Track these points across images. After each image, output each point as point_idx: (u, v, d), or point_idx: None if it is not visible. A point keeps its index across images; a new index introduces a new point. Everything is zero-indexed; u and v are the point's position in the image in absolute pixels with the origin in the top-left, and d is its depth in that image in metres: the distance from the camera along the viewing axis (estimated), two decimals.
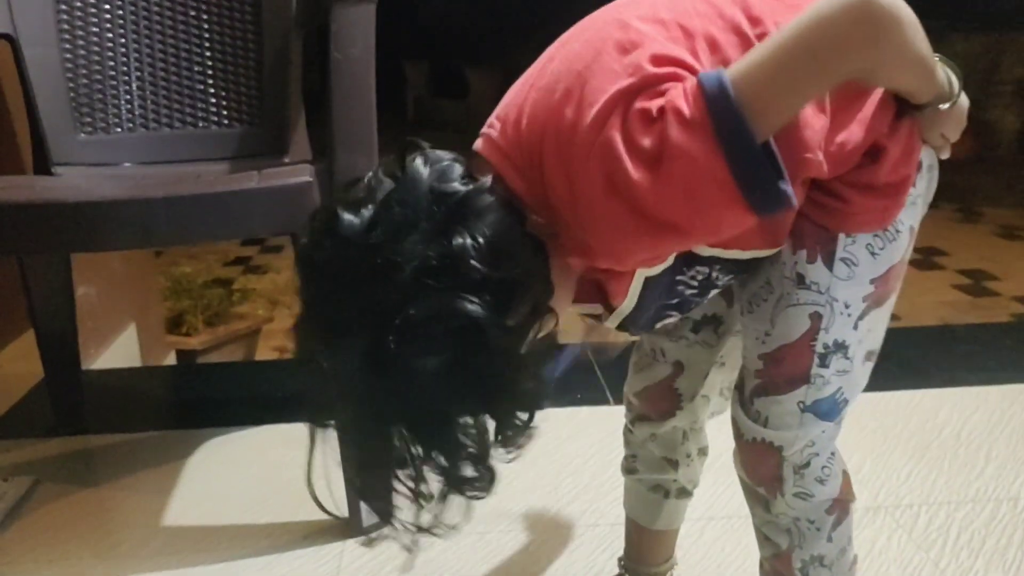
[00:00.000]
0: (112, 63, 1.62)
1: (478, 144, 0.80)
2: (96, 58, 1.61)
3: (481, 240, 0.69)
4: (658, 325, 0.91)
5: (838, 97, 0.76)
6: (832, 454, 0.92)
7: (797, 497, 0.91)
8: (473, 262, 0.68)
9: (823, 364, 0.86)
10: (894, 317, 0.91)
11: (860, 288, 0.84)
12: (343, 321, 0.69)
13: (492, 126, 0.80)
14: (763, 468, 0.91)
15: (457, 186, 0.71)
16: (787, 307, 0.85)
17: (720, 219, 0.70)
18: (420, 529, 0.74)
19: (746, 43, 0.74)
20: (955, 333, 2.40)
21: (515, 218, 0.72)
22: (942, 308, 3.15)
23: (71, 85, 1.59)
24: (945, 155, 0.86)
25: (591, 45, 0.75)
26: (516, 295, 0.70)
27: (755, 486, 0.93)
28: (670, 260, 0.82)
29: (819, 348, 0.85)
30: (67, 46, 1.59)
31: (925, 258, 3.78)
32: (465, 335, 0.67)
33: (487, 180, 0.73)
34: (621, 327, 0.89)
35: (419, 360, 0.68)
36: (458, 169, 0.73)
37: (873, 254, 0.83)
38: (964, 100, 0.81)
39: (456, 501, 0.74)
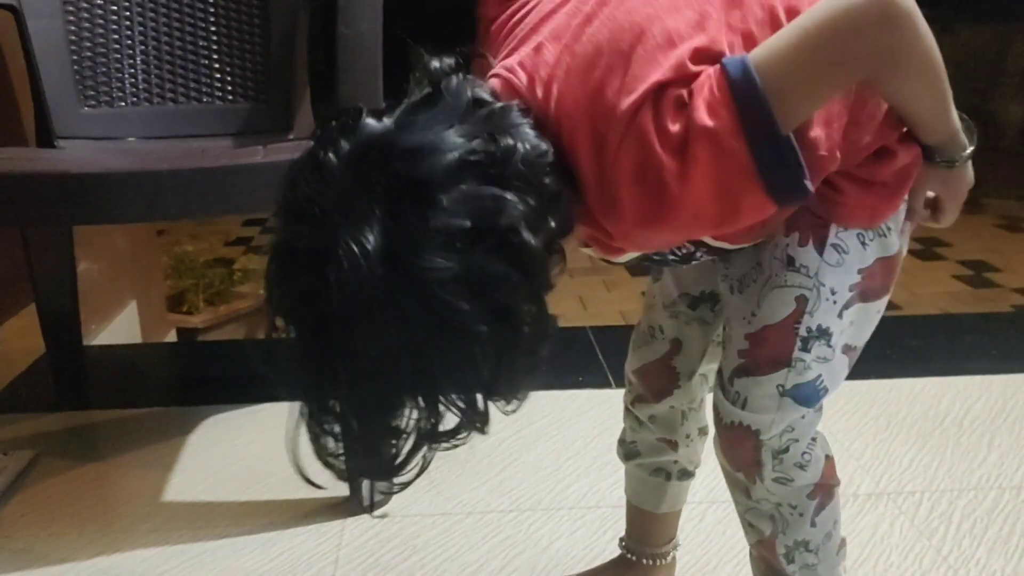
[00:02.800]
0: (116, 36, 1.61)
1: (496, 84, 0.76)
2: (100, 30, 1.60)
3: (528, 146, 0.68)
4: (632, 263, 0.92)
5: (856, 95, 0.76)
6: (813, 439, 0.91)
7: (777, 482, 0.90)
8: (519, 164, 0.66)
9: (805, 348, 0.85)
10: (895, 306, 0.90)
11: (847, 276, 0.85)
12: (362, 201, 0.63)
13: (514, 72, 0.75)
14: (741, 452, 0.90)
15: (495, 102, 0.70)
16: (774, 288, 0.86)
17: (740, 206, 0.70)
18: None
19: None
20: (958, 322, 2.39)
21: (548, 145, 0.71)
22: (943, 299, 3.15)
23: (75, 58, 1.58)
24: (946, 222, 0.87)
25: (635, 22, 0.72)
26: (552, 209, 0.68)
27: (734, 471, 0.92)
28: None
29: (802, 331, 0.85)
30: (71, 18, 1.57)
31: (927, 249, 3.77)
32: (496, 234, 0.64)
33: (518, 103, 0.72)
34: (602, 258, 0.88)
35: (443, 253, 0.62)
36: (487, 91, 0.72)
37: (863, 244, 0.84)
38: (970, 171, 0.82)
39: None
